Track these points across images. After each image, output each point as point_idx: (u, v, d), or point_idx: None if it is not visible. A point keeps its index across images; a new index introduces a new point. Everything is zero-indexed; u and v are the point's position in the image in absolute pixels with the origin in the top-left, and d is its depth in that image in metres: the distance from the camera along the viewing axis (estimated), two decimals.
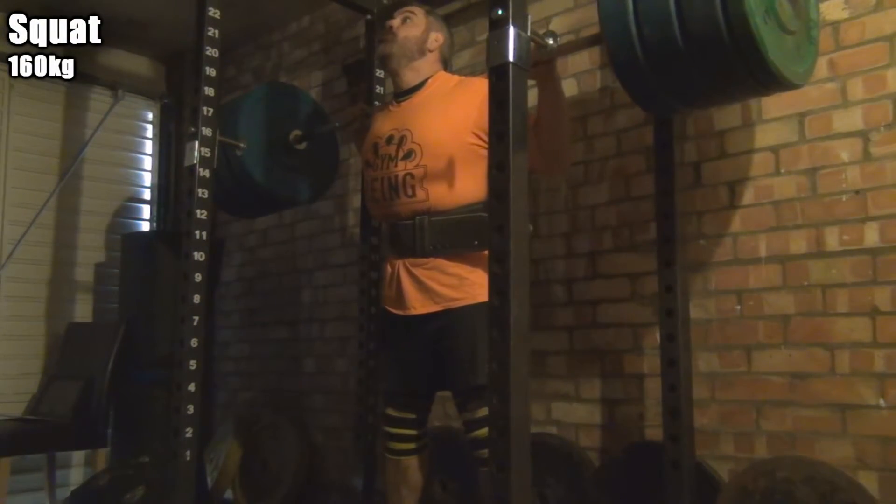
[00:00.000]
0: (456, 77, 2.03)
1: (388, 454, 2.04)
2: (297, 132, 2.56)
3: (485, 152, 1.59)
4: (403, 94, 2.01)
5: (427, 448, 2.04)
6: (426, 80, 1.99)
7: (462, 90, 1.92)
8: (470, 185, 1.84)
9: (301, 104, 2.70)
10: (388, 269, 1.99)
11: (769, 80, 1.48)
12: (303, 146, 2.58)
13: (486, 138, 1.58)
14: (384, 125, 2.01)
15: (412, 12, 2.04)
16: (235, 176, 2.45)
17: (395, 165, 1.91)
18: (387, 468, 2.07)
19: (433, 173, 1.85)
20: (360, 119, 2.31)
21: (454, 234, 1.84)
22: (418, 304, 1.89)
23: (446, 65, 2.07)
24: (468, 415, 1.81)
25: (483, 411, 1.66)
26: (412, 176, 1.87)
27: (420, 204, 1.87)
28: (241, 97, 2.61)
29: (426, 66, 2.00)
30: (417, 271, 1.89)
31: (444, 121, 1.87)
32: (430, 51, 2.01)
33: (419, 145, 1.88)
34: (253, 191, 2.51)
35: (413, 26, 2.00)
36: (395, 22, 2.02)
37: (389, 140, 1.95)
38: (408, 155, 1.90)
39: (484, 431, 1.63)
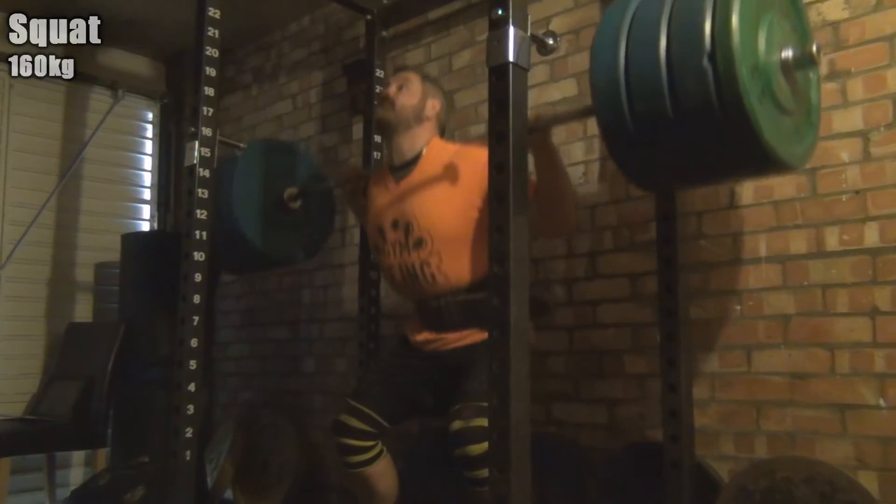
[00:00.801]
0: (451, 146, 2.01)
1: (346, 468, 1.98)
2: (291, 190, 2.51)
3: None
4: (400, 168, 1.99)
5: (385, 451, 2.00)
6: (422, 150, 1.97)
7: (460, 163, 1.89)
8: (484, 257, 1.82)
9: (296, 160, 2.65)
10: (415, 326, 2.02)
11: (765, 162, 1.39)
12: (297, 204, 2.53)
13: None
14: (385, 206, 2.00)
15: (408, 79, 2.02)
16: (229, 235, 2.39)
17: (409, 254, 1.92)
18: (352, 483, 2.03)
19: (448, 257, 1.87)
20: (354, 180, 2.30)
21: (482, 312, 1.80)
22: (445, 345, 1.92)
23: (443, 130, 2.07)
24: (462, 423, 1.69)
25: (481, 421, 1.59)
26: (428, 264, 1.89)
27: (441, 287, 1.90)
28: (235, 158, 2.55)
29: (423, 133, 1.99)
30: (447, 335, 1.93)
31: (447, 203, 1.86)
32: (428, 118, 2.00)
33: (428, 233, 1.88)
34: (246, 251, 2.44)
35: (410, 94, 1.99)
36: (392, 90, 2.01)
37: (395, 225, 1.95)
38: (419, 244, 1.90)
39: (481, 447, 1.58)
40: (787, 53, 1.40)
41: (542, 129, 1.68)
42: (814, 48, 1.40)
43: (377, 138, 2.72)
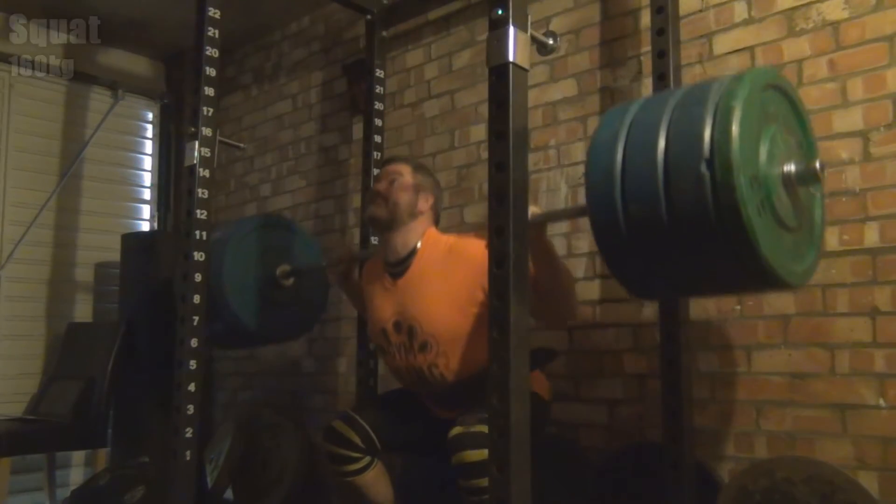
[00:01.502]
0: (446, 239, 1.95)
1: (336, 478, 1.96)
2: (284, 267, 2.49)
3: None
4: (396, 266, 1.95)
5: (378, 461, 1.98)
6: (417, 246, 1.93)
7: (457, 259, 1.85)
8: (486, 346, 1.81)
9: (292, 237, 2.62)
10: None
11: (762, 278, 1.33)
12: (290, 282, 2.50)
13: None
14: (385, 306, 1.96)
15: (399, 173, 1.97)
16: (219, 311, 2.35)
17: (415, 357, 1.90)
18: (343, 493, 2.01)
19: (455, 356, 1.85)
20: (346, 262, 2.27)
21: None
22: (452, 414, 1.89)
23: (437, 220, 2.03)
24: (462, 428, 1.69)
25: (481, 427, 1.58)
26: (435, 365, 1.87)
27: (449, 380, 1.87)
28: (230, 230, 2.53)
29: (417, 228, 1.95)
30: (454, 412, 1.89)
31: (449, 303, 1.83)
32: (422, 212, 1.96)
33: (433, 336, 1.86)
34: (236, 328, 2.41)
35: (402, 190, 1.94)
36: (383, 186, 1.96)
37: (398, 328, 1.93)
38: (424, 347, 1.88)
39: (480, 453, 1.56)
40: (790, 168, 1.36)
41: (536, 225, 1.63)
42: (817, 165, 1.36)
43: (377, 138, 2.72)
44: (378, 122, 2.74)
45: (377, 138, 2.71)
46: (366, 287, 2.10)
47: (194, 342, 2.15)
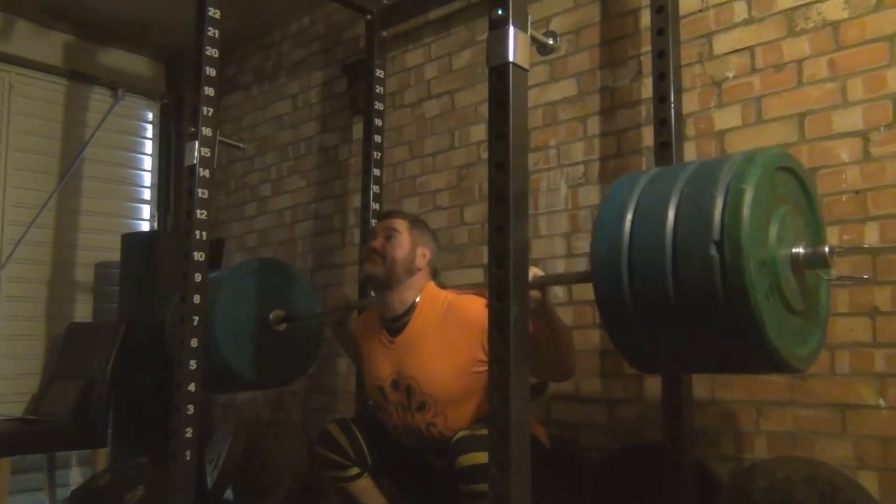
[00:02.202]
0: (444, 296, 1.91)
1: (332, 483, 1.94)
2: (278, 312, 2.46)
3: None
4: (393, 322, 1.92)
5: (368, 474, 1.96)
6: (415, 303, 1.90)
7: (456, 319, 1.83)
8: (483, 404, 1.78)
9: (288, 282, 2.59)
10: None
11: (767, 360, 1.32)
12: (283, 327, 2.48)
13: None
14: (382, 364, 1.93)
15: (395, 229, 1.93)
16: (209, 355, 2.30)
17: (412, 417, 1.88)
18: (337, 497, 1.99)
19: (452, 415, 1.84)
20: (341, 311, 2.24)
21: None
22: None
23: (435, 274, 2.00)
24: (465, 432, 1.72)
25: (484, 431, 1.56)
26: (434, 425, 1.86)
27: (447, 437, 1.83)
28: (227, 272, 2.50)
29: (415, 284, 1.91)
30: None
31: (447, 364, 1.81)
32: (419, 269, 1.92)
33: (431, 396, 1.83)
34: (225, 372, 2.38)
35: (398, 245, 1.91)
36: (379, 242, 1.93)
37: (395, 386, 1.90)
38: (422, 407, 1.86)
39: (481, 456, 1.54)
40: (799, 251, 1.35)
41: (538, 288, 1.61)
42: (826, 249, 1.35)
43: (377, 138, 2.72)
44: (378, 122, 2.74)
45: (377, 138, 2.71)
46: (362, 341, 2.07)
47: (194, 343, 2.15)
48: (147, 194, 4.02)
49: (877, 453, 1.79)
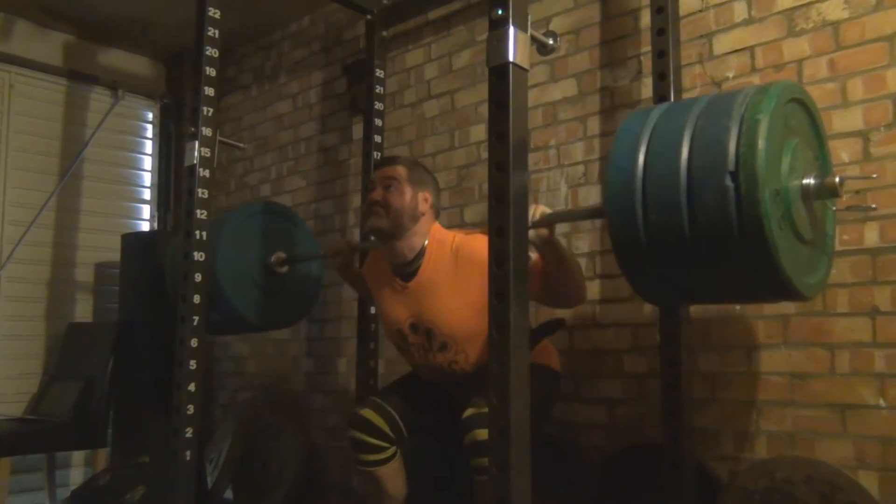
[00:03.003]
0: (451, 238, 1.92)
1: (358, 465, 1.96)
2: (279, 255, 2.49)
3: None
4: (404, 269, 1.94)
5: (399, 452, 1.99)
6: (423, 247, 1.92)
7: (466, 262, 1.85)
8: None
9: (290, 226, 2.61)
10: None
11: (778, 288, 1.35)
12: (284, 269, 2.50)
13: None
14: (398, 308, 1.96)
15: (394, 178, 1.92)
16: (211, 297, 2.32)
17: (434, 357, 1.93)
18: (362, 481, 2.03)
19: (474, 351, 1.89)
20: (346, 254, 2.26)
21: None
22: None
23: (438, 214, 2.01)
24: (474, 409, 1.73)
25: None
26: (455, 362, 1.91)
27: (469, 372, 1.91)
28: (229, 212, 2.52)
29: (421, 229, 1.92)
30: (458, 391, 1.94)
31: (463, 307, 1.84)
32: (423, 213, 1.93)
33: (451, 337, 1.89)
34: (225, 311, 2.40)
35: (399, 194, 1.90)
36: (379, 194, 1.92)
37: (415, 329, 1.94)
38: (443, 347, 1.91)
39: (486, 432, 1.61)
40: (809, 181, 1.38)
41: (546, 226, 1.63)
42: (836, 180, 1.38)
43: (377, 138, 2.72)
44: (378, 122, 2.74)
45: (377, 138, 2.71)
46: (372, 286, 2.10)
47: (194, 342, 2.15)
48: (147, 194, 4.02)
49: (877, 453, 1.79)
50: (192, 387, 2.13)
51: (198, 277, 2.18)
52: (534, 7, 2.53)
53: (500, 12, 1.40)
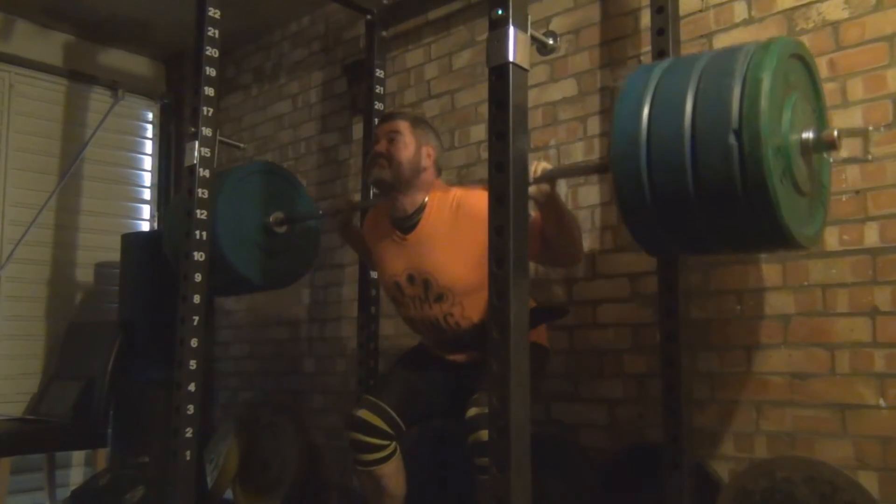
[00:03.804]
0: (452, 193, 1.95)
1: (357, 466, 1.97)
2: (278, 214, 2.50)
3: None
4: (404, 222, 1.96)
5: (399, 451, 2.00)
6: (425, 201, 1.94)
7: (466, 216, 1.86)
8: None
9: (287, 186, 2.62)
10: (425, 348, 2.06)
11: (779, 241, 1.41)
12: (283, 229, 2.52)
13: None
14: (396, 261, 1.98)
15: (398, 131, 1.94)
16: (210, 258, 2.32)
17: (430, 308, 1.94)
18: (361, 481, 2.03)
19: (470, 305, 1.90)
20: (345, 212, 2.28)
21: None
22: (462, 357, 1.97)
23: (440, 171, 2.03)
24: (478, 409, 1.72)
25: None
26: (451, 314, 1.92)
27: (464, 327, 1.93)
28: (227, 172, 2.53)
29: (423, 183, 1.95)
30: (458, 355, 1.97)
31: (461, 258, 1.86)
32: (425, 168, 1.94)
33: (448, 289, 1.89)
34: (225, 271, 2.40)
35: (403, 147, 1.92)
36: (383, 146, 1.94)
37: (412, 281, 1.95)
38: (439, 298, 1.91)
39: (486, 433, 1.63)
40: (808, 136, 1.41)
41: (547, 181, 1.64)
42: (834, 133, 1.40)
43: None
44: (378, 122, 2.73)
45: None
46: (372, 241, 2.11)
47: (194, 342, 2.15)
48: (147, 194, 4.02)
49: (877, 453, 1.79)
50: (192, 387, 2.13)
51: (198, 277, 2.18)
52: (534, 7, 2.53)
53: (500, 12, 1.40)
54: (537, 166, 1.62)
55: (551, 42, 1.59)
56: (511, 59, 1.38)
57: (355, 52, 3.21)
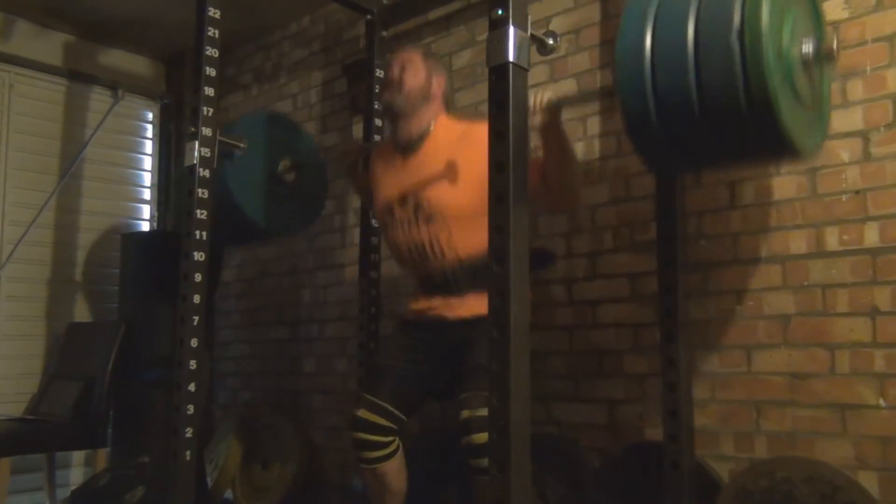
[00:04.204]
0: (458, 124, 2.00)
1: (360, 464, 1.99)
2: (286, 162, 2.52)
3: None
4: (408, 147, 1.99)
5: (401, 447, 2.01)
6: (429, 128, 1.98)
7: (470, 140, 1.89)
8: None
9: (293, 135, 2.66)
10: (418, 297, 2.03)
11: (781, 147, 1.44)
12: (292, 176, 2.54)
13: None
14: (393, 183, 2.00)
15: (411, 60, 2.01)
16: (223, 206, 2.37)
17: (418, 230, 1.94)
18: (364, 478, 2.04)
19: (457, 232, 1.89)
20: (353, 155, 2.30)
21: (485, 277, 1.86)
22: (449, 311, 1.94)
23: (448, 105, 2.06)
24: (469, 412, 1.76)
25: (486, 411, 1.66)
26: (437, 239, 1.92)
27: (449, 261, 1.92)
28: (233, 124, 2.57)
29: (430, 112, 1.99)
30: (451, 300, 1.95)
31: (458, 180, 1.88)
32: (434, 97, 2.00)
33: (438, 210, 1.90)
34: (240, 222, 2.44)
35: (415, 74, 1.98)
36: (396, 72, 1.99)
37: (404, 203, 1.96)
38: (428, 220, 1.92)
39: (484, 436, 1.61)
40: (808, 47, 1.45)
41: (553, 110, 1.68)
42: (833, 44, 1.46)
43: (377, 138, 2.72)
44: (378, 122, 2.74)
45: (377, 138, 2.71)
46: (376, 171, 2.13)
47: (194, 342, 2.15)
48: (147, 194, 4.02)
49: (877, 453, 1.79)
50: (192, 387, 2.13)
51: (198, 277, 2.17)
52: (534, 7, 2.52)
53: (500, 12, 1.40)
54: (540, 95, 1.65)
55: (551, 42, 1.59)
56: (511, 59, 1.38)
57: (355, 52, 3.21)
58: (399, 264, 2.12)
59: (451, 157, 1.91)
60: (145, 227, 3.98)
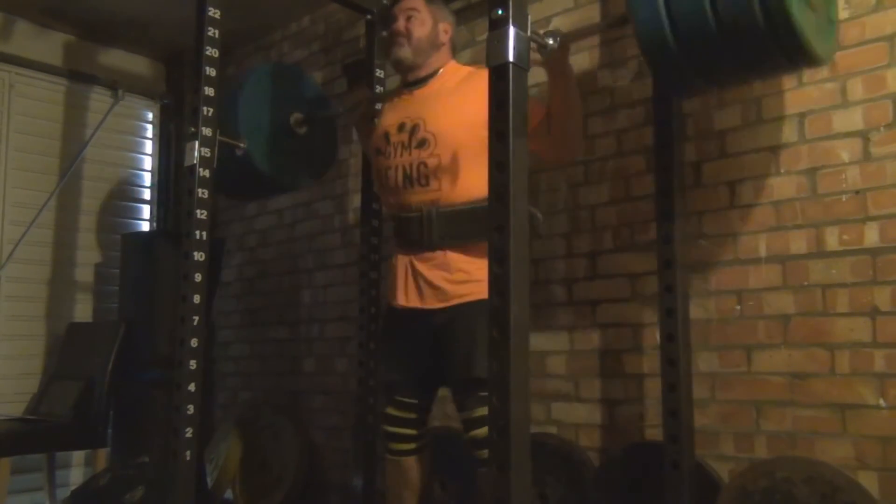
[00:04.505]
0: (465, 68, 2.03)
1: (388, 455, 2.03)
2: (297, 115, 2.52)
3: None
4: (415, 83, 2.01)
5: (428, 448, 2.04)
6: (438, 69, 1.99)
7: (475, 83, 1.88)
8: (481, 180, 1.79)
9: (303, 86, 2.66)
10: (396, 264, 1.99)
11: (797, 53, 1.49)
12: (303, 130, 2.55)
13: None
14: (395, 114, 2.01)
15: (414, 9, 1.99)
16: (234, 158, 2.38)
17: (409, 154, 1.91)
18: (387, 469, 2.07)
19: (446, 164, 1.86)
20: (363, 105, 2.29)
21: (461, 225, 1.85)
22: (424, 300, 1.90)
23: (455, 51, 2.08)
24: (466, 413, 1.81)
25: (482, 410, 1.67)
26: (425, 165, 1.88)
27: (431, 194, 1.88)
28: (242, 77, 2.57)
29: (439, 58, 2.00)
30: (424, 267, 1.90)
31: (458, 114, 1.87)
32: (442, 43, 2.00)
33: (433, 135, 1.88)
34: (252, 174, 2.45)
35: (421, 24, 1.97)
36: (401, 24, 1.98)
37: (401, 128, 1.95)
38: (421, 143, 1.90)
39: (483, 431, 1.65)
40: None
41: (561, 45, 1.66)
42: None
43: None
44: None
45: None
46: (381, 113, 2.13)
47: (194, 342, 2.15)
48: (147, 194, 4.02)
49: (877, 453, 1.79)
50: (192, 387, 2.12)
51: (198, 277, 2.17)
52: (534, 7, 2.53)
53: (500, 12, 1.40)
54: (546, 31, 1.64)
55: (551, 42, 1.59)
56: (511, 59, 1.38)
57: (355, 52, 3.21)
58: (382, 198, 2.10)
59: (455, 91, 1.92)
60: (145, 227, 3.98)
